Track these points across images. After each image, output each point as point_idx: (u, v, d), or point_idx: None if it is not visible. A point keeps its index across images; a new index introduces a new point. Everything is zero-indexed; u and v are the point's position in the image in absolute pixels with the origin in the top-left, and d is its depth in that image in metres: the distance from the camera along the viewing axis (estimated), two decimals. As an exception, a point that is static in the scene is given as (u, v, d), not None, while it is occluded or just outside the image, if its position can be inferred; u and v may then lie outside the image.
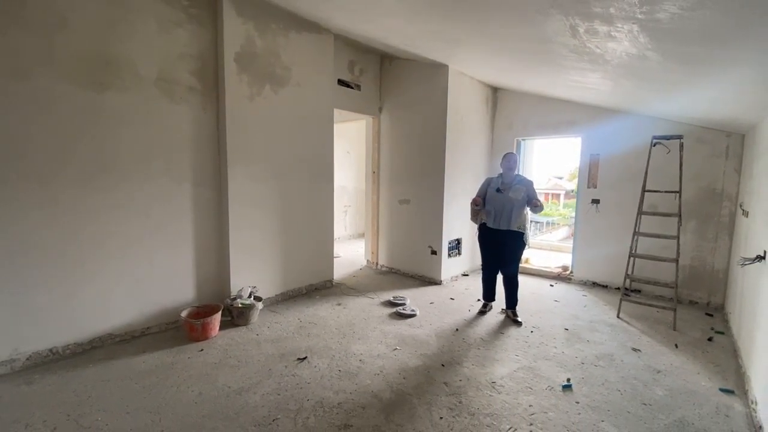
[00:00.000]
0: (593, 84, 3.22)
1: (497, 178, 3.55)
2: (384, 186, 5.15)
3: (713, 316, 3.77)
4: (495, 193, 3.46)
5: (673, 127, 4.01)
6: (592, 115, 4.53)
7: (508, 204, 3.39)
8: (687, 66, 2.13)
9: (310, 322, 3.41)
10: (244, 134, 3.46)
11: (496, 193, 3.46)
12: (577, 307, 3.95)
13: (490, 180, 3.59)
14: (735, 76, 2.04)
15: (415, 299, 4.07)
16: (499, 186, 3.48)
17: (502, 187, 3.45)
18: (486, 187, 3.56)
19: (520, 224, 3.42)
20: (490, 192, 3.50)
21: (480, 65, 4.11)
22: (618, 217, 4.45)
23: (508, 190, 3.42)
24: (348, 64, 4.61)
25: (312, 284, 4.24)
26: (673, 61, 2.05)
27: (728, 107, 2.85)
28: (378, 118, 5.09)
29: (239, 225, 3.49)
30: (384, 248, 5.23)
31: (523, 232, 3.44)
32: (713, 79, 2.26)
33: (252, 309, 3.31)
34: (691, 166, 3.91)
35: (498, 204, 3.42)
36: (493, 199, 3.46)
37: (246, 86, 3.45)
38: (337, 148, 7.24)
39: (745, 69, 1.90)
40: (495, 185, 3.50)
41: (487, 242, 3.57)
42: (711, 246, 3.96)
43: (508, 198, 3.39)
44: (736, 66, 1.90)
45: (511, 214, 3.38)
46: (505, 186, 3.46)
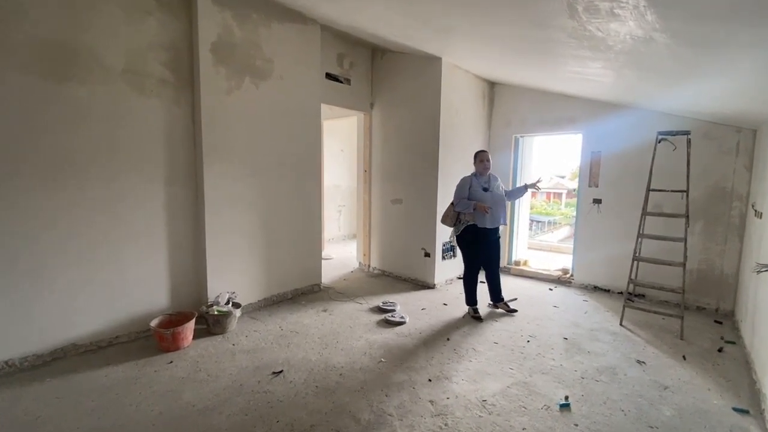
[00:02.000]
0: (594, 75, 3.00)
1: (476, 178, 3.50)
2: (376, 185, 4.93)
3: (722, 323, 3.54)
4: (484, 193, 3.43)
5: (679, 123, 3.78)
6: (593, 111, 4.31)
7: (500, 201, 3.46)
8: (699, 50, 1.91)
9: (291, 330, 3.20)
10: (221, 130, 3.25)
11: (484, 192, 3.43)
12: (578, 314, 3.73)
13: (469, 180, 3.49)
14: (755, 62, 1.81)
15: (406, 305, 3.86)
16: (484, 185, 3.46)
17: (487, 186, 3.46)
18: (468, 187, 3.45)
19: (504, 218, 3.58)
20: (478, 193, 3.43)
21: (474, 57, 3.89)
22: (621, 217, 4.22)
23: (493, 188, 3.47)
24: (337, 57, 4.40)
25: (298, 289, 4.03)
26: (684, 44, 1.83)
27: (742, 100, 2.62)
28: (369, 115, 4.87)
29: (217, 226, 3.28)
30: (376, 250, 5.02)
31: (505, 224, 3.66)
32: (728, 66, 2.03)
33: (229, 317, 3.11)
34: (699, 164, 3.68)
35: (490, 203, 3.39)
36: (483, 199, 3.40)
37: (223, 79, 3.23)
38: (331, 146, 7.08)
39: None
40: (479, 185, 3.46)
41: (478, 243, 3.48)
42: (720, 249, 3.73)
43: (497, 195, 3.46)
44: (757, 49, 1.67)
45: (500, 211, 3.47)
46: (488, 184, 3.48)
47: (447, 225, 3.62)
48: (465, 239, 3.50)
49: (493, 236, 3.50)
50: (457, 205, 3.46)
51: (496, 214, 3.43)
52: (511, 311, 3.68)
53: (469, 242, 3.49)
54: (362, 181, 5.05)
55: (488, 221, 3.39)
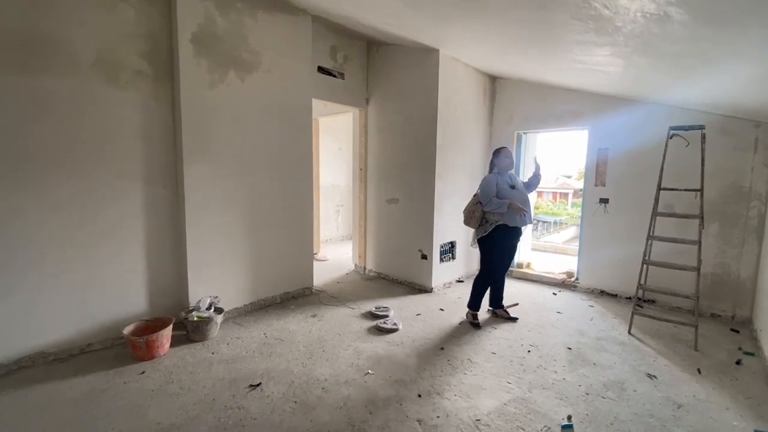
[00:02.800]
0: (600, 65, 2.77)
1: (499, 176, 3.28)
2: (372, 184, 4.74)
3: (739, 332, 3.29)
4: (512, 191, 3.22)
5: (693, 117, 3.53)
6: (599, 105, 4.07)
7: (525, 199, 3.28)
8: (720, 29, 1.68)
9: (276, 337, 3.01)
10: (203, 126, 3.08)
11: (512, 190, 3.22)
12: (583, 321, 3.50)
13: (495, 178, 3.25)
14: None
15: (400, 310, 3.66)
16: (510, 182, 3.27)
17: (513, 184, 3.28)
18: (495, 186, 3.21)
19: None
20: (505, 191, 3.21)
21: (473, 48, 3.68)
22: (629, 218, 3.98)
23: (518, 185, 3.32)
24: (330, 50, 4.21)
25: (288, 292, 3.84)
26: (703, 22, 1.61)
27: (765, 89, 2.38)
28: (365, 111, 4.68)
29: (199, 228, 3.11)
30: (372, 251, 4.82)
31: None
32: (751, 48, 1.80)
33: (209, 323, 2.93)
34: (714, 161, 3.43)
35: (519, 201, 3.19)
36: (512, 197, 3.19)
37: (205, 72, 3.06)
38: (329, 144, 6.89)
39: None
40: (505, 183, 3.25)
41: (507, 245, 3.33)
42: (736, 252, 3.48)
43: (523, 193, 3.30)
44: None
45: (529, 210, 3.32)
46: (512, 182, 3.30)
47: (471, 226, 3.35)
48: (493, 241, 3.23)
49: (519, 236, 3.37)
50: (486, 205, 3.16)
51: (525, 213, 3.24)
52: (512, 319, 3.46)
53: (496, 244, 3.25)
54: (357, 179, 4.85)
55: (519, 220, 3.19)
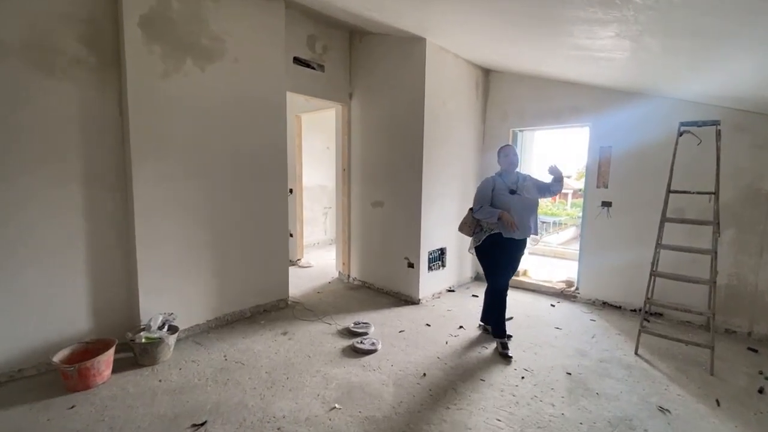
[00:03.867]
0: (604, 50, 2.42)
1: (499, 178, 2.88)
2: (355, 186, 4.39)
3: (758, 352, 2.95)
4: (510, 197, 2.78)
5: (704, 112, 3.19)
6: (601, 100, 3.72)
7: (528, 206, 2.81)
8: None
9: (237, 360, 2.66)
10: (156, 120, 2.72)
11: (511, 195, 2.78)
12: (584, 338, 3.15)
13: (492, 181, 2.86)
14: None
15: (382, 325, 3.31)
16: (510, 187, 2.81)
17: (515, 188, 2.81)
18: (490, 190, 2.83)
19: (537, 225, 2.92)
20: (502, 196, 2.79)
21: (462, 35, 3.33)
22: (633, 223, 3.64)
23: (522, 190, 2.82)
24: (307, 39, 3.85)
25: (259, 305, 3.49)
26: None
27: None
28: (348, 106, 4.33)
29: (152, 236, 2.75)
30: (356, 259, 4.47)
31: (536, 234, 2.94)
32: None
33: (160, 345, 2.58)
34: (728, 161, 3.08)
35: (519, 208, 2.76)
36: (510, 203, 2.76)
37: (158, 60, 2.70)
38: (315, 142, 6.53)
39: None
40: (504, 187, 2.82)
41: (505, 256, 2.87)
42: (754, 262, 3.14)
43: (526, 199, 2.81)
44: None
45: (533, 218, 2.85)
46: (514, 185, 2.83)
47: (465, 234, 2.98)
48: (487, 250, 2.88)
49: (520, 248, 2.90)
50: (476, 212, 2.84)
51: (526, 222, 2.79)
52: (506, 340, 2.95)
53: (490, 254, 2.88)
54: (341, 181, 4.50)
55: (516, 231, 2.76)
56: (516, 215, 2.72)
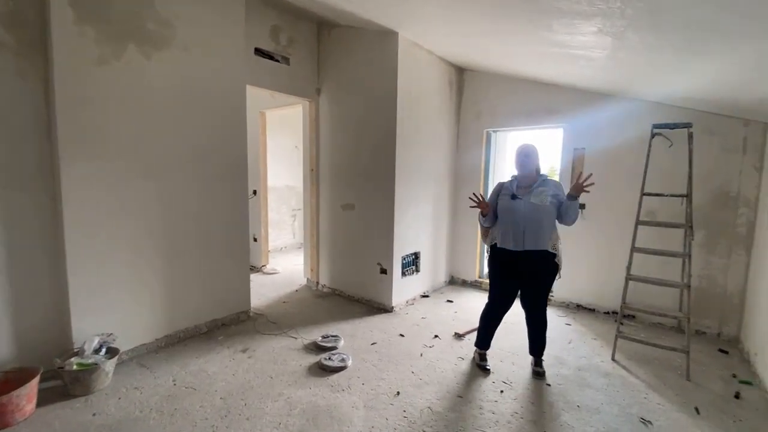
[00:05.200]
0: (584, 47, 2.32)
1: (511, 182, 2.56)
2: (325, 187, 4.14)
3: (729, 353, 2.96)
4: (511, 202, 2.44)
5: (676, 114, 3.19)
6: (575, 101, 3.67)
7: (531, 214, 2.38)
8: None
9: (188, 385, 2.36)
10: (90, 114, 2.38)
11: (512, 200, 2.44)
12: (561, 344, 3.07)
13: (502, 185, 2.58)
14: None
15: (353, 337, 3.09)
16: (514, 191, 2.47)
17: (519, 192, 2.46)
18: (496, 195, 2.57)
19: (552, 242, 2.42)
20: (504, 200, 2.49)
21: (437, 29, 3.16)
22: (607, 225, 3.61)
23: (529, 195, 2.42)
24: (270, 29, 3.57)
25: (216, 319, 3.18)
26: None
27: (765, 79, 2.01)
28: (315, 103, 4.07)
29: (87, 246, 2.40)
30: (326, 264, 4.22)
31: (555, 252, 2.42)
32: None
33: (95, 371, 2.24)
34: (699, 164, 3.09)
35: (516, 215, 2.41)
36: (508, 209, 2.45)
37: (92, 44, 2.36)
38: (282, 141, 6.20)
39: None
40: (509, 191, 2.50)
41: (501, 269, 2.55)
42: (723, 263, 3.16)
43: (531, 205, 2.38)
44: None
45: (537, 229, 2.38)
46: (522, 190, 2.47)
47: (487, 244, 2.68)
48: (488, 263, 2.67)
49: (523, 262, 2.43)
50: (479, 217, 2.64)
51: (518, 232, 2.40)
52: (538, 374, 2.59)
53: (490, 268, 2.63)
54: (309, 182, 4.24)
55: (510, 241, 2.43)
56: (513, 224, 2.42)
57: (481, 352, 2.74)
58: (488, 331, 2.71)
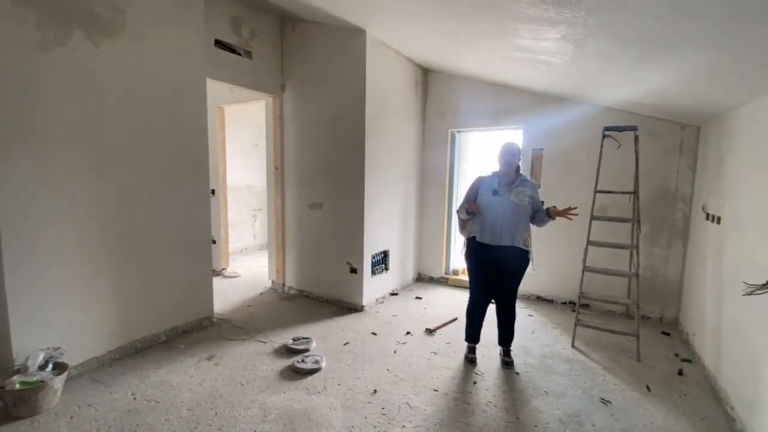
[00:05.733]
0: (546, 52, 2.45)
1: (491, 177, 2.65)
2: (290, 186, 4.03)
3: (670, 335, 3.27)
4: (492, 197, 2.55)
5: (625, 118, 3.46)
6: (534, 104, 3.87)
7: (510, 211, 2.51)
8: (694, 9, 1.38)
9: (150, 398, 2.20)
10: (30, 105, 2.14)
11: (492, 196, 2.55)
12: (525, 334, 3.22)
13: (482, 180, 2.67)
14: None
15: (325, 339, 3.04)
16: (495, 187, 2.57)
17: (500, 189, 2.56)
18: (477, 189, 2.65)
19: (525, 239, 2.57)
20: (485, 196, 2.58)
21: (405, 29, 3.20)
22: (563, 221, 3.80)
23: (509, 193, 2.54)
24: (231, 21, 3.41)
25: (176, 327, 2.99)
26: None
27: (704, 83, 2.24)
28: (280, 99, 3.95)
29: (27, 251, 2.16)
30: (292, 266, 4.12)
31: (528, 249, 2.59)
32: (718, 34, 1.55)
33: (42, 390, 2.02)
34: (643, 164, 3.35)
35: (495, 211, 2.53)
36: (488, 205, 2.55)
37: (32, 28, 2.12)
38: (242, 138, 5.96)
39: None
40: (490, 186, 2.59)
41: (479, 262, 2.65)
42: (664, 254, 3.49)
43: (510, 203, 2.51)
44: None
45: (514, 225, 2.52)
46: (503, 187, 2.57)
47: (463, 236, 2.79)
48: (465, 256, 2.74)
49: (500, 256, 2.55)
50: (458, 211, 2.72)
51: (497, 227, 2.51)
52: (508, 363, 2.70)
53: (468, 261, 2.72)
54: (273, 180, 4.11)
55: (490, 235, 2.55)
56: (491, 219, 2.53)
57: (470, 346, 2.81)
58: (474, 324, 2.78)
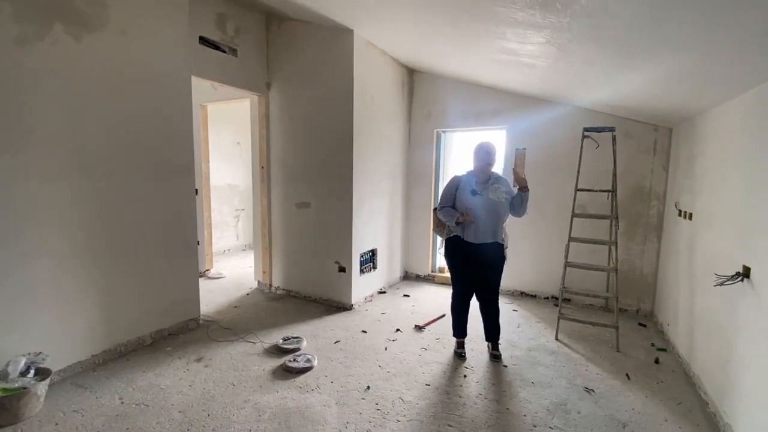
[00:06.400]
0: (532, 55, 2.54)
1: (468, 177, 2.70)
2: (276, 185, 4.00)
3: (646, 326, 3.44)
4: (471, 197, 2.61)
5: (603, 120, 3.61)
6: (517, 105, 3.98)
7: (490, 209, 2.59)
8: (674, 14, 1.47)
9: (138, 402, 2.15)
10: (7, 100, 2.06)
11: (471, 196, 2.61)
12: (511, 329, 3.32)
13: (458, 180, 2.71)
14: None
15: (315, 338, 3.04)
16: (474, 187, 2.63)
17: (478, 188, 2.63)
18: (454, 189, 2.69)
19: (503, 234, 2.71)
20: (463, 196, 2.63)
21: (393, 29, 3.23)
22: (544, 218, 3.97)
23: (486, 191, 2.61)
24: (216, 18, 3.36)
25: (162, 329, 2.93)
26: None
27: (674, 92, 2.38)
28: (265, 97, 3.92)
29: (4, 253, 2.07)
30: (279, 266, 4.09)
31: (503, 243, 2.70)
32: (695, 41, 1.65)
33: (24, 396, 1.95)
34: (619, 163, 3.51)
35: (476, 210, 2.59)
36: (468, 204, 2.60)
37: (10, 21, 2.04)
38: (224, 136, 5.85)
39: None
40: (468, 186, 2.65)
41: (461, 260, 2.72)
42: (639, 249, 3.66)
43: (490, 201, 2.59)
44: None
45: (495, 222, 2.62)
46: (480, 185, 2.64)
47: (439, 235, 2.88)
48: (446, 254, 2.79)
49: (482, 253, 2.64)
50: (439, 212, 2.75)
51: (483, 226, 2.59)
52: (496, 357, 2.77)
53: (450, 258, 2.77)
54: (258, 180, 4.07)
55: (472, 234, 2.62)
56: (473, 217, 2.58)
57: (458, 341, 2.87)
58: (460, 320, 2.85)
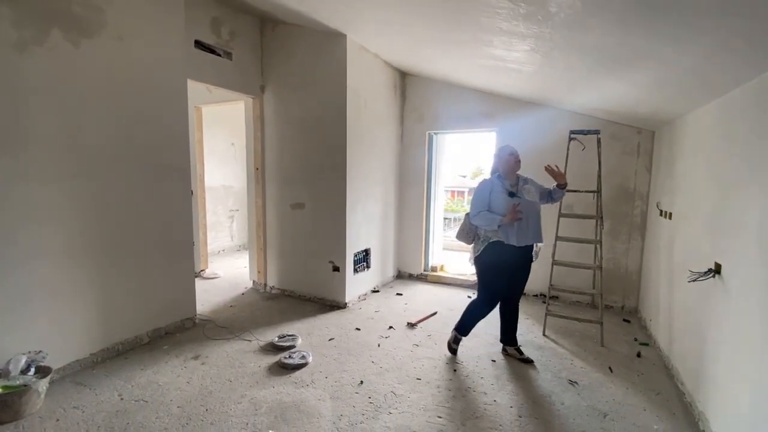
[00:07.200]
0: (518, 61, 2.64)
1: (497, 180, 2.63)
2: (271, 186, 4.06)
3: (630, 322, 3.56)
4: (510, 200, 2.51)
5: (589, 122, 3.73)
6: (507, 108, 4.09)
7: (530, 210, 2.56)
8: (660, 26, 1.57)
9: (138, 398, 2.21)
10: (7, 104, 2.10)
11: (510, 198, 2.52)
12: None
13: (490, 183, 2.63)
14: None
15: (310, 335, 3.11)
16: (509, 188, 2.58)
17: (514, 190, 2.59)
18: (488, 193, 2.59)
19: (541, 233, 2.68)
20: (500, 199, 2.54)
21: (385, 35, 3.31)
22: (534, 218, 4.07)
23: (522, 193, 2.59)
24: (211, 21, 3.42)
25: (159, 328, 2.98)
26: (650, 8, 1.45)
27: (654, 98, 2.49)
28: (260, 100, 3.98)
29: (5, 252, 2.12)
30: (274, 265, 4.15)
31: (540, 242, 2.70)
32: (666, 50, 1.76)
33: (26, 393, 2.00)
34: (605, 164, 3.63)
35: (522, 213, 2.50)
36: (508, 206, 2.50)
37: (9, 27, 2.09)
38: (218, 138, 5.89)
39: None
40: (502, 189, 2.57)
41: (503, 265, 2.60)
42: (624, 247, 3.78)
43: (527, 202, 2.55)
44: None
45: (537, 222, 2.61)
46: (514, 188, 2.61)
47: (463, 242, 2.77)
48: (485, 261, 2.64)
49: (523, 257, 2.63)
50: (474, 218, 2.59)
51: (526, 228, 2.53)
52: (525, 360, 2.77)
53: (490, 265, 2.63)
54: (253, 181, 4.13)
55: (516, 237, 2.51)
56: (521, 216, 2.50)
57: (459, 338, 2.85)
58: (477, 323, 2.80)
